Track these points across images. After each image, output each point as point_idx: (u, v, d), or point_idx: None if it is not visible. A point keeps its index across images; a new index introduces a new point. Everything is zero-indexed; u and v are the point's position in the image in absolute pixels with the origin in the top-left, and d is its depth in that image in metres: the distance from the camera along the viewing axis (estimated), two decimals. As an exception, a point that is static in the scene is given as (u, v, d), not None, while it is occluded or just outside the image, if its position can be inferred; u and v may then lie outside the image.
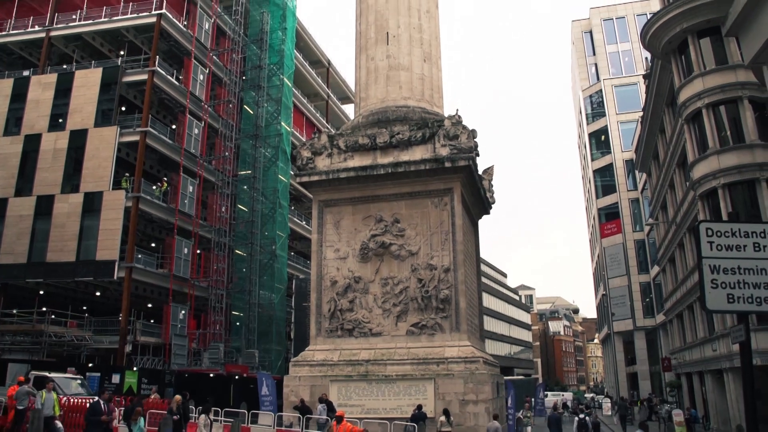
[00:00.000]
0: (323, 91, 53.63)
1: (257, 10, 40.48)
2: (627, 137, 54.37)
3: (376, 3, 20.62)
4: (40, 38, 35.18)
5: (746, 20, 9.68)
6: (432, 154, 17.98)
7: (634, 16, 60.45)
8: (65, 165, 31.03)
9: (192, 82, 34.81)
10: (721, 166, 24.31)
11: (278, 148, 39.17)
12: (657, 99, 32.95)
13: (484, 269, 56.66)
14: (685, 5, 25.97)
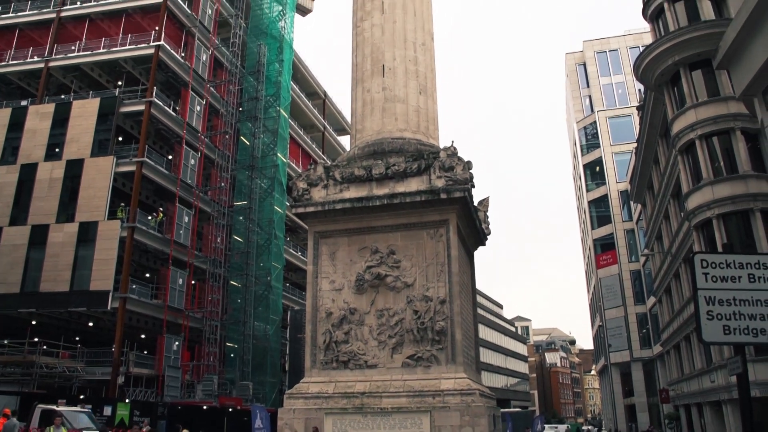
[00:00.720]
0: (319, 122, 53.95)
1: (254, 43, 40.89)
2: (621, 168, 54.68)
3: (372, 36, 20.85)
4: (38, 68, 35.43)
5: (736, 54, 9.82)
6: (427, 185, 18.02)
7: (627, 48, 61.22)
8: (61, 194, 31.01)
9: (189, 112, 35.00)
10: (715, 197, 24.43)
11: (274, 179, 39.26)
12: (651, 130, 33.23)
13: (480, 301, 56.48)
14: (676, 38, 26.35)
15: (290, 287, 45.47)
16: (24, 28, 37.07)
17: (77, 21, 36.22)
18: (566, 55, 67.86)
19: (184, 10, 36.06)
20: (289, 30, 42.76)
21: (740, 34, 9.38)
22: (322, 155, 52.08)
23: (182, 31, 36.32)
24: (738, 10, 9.43)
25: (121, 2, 35.81)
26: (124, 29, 35.02)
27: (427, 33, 21.54)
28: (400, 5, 21.03)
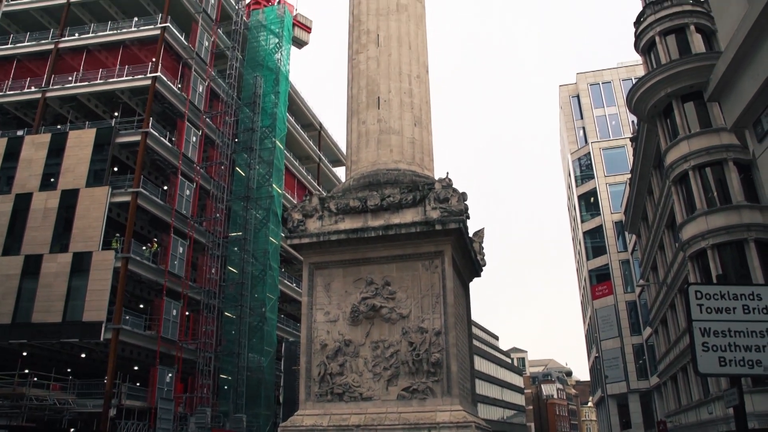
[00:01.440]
0: (315, 153, 54.19)
1: (251, 75, 41.25)
2: (616, 199, 54.88)
3: (368, 68, 21.05)
4: (35, 99, 35.61)
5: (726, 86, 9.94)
6: (422, 216, 18.03)
7: (620, 80, 61.88)
8: (55, 224, 30.94)
9: (185, 143, 35.15)
10: (710, 227, 24.52)
11: (269, 210, 39.29)
12: (644, 161, 33.46)
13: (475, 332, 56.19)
14: (668, 71, 26.70)
15: (285, 318, 45.20)
16: (22, 58, 37.36)
17: (75, 52, 36.52)
18: (560, 87, 68.51)
19: (181, 42, 36.42)
20: (285, 62, 43.19)
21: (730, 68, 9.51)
22: (318, 186, 52.22)
23: (179, 62, 36.63)
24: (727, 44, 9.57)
25: (119, 34, 36.19)
26: (122, 60, 35.32)
27: (422, 65, 21.76)
28: (396, 38, 21.27)
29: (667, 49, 28.40)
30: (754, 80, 9.01)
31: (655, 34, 29.12)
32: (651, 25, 29.47)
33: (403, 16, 21.73)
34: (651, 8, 30.02)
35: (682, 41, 28.13)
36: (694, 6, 28.80)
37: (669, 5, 29.32)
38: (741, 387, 7.07)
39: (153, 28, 35.50)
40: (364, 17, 21.90)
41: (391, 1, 21.81)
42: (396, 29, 21.46)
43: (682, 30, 28.45)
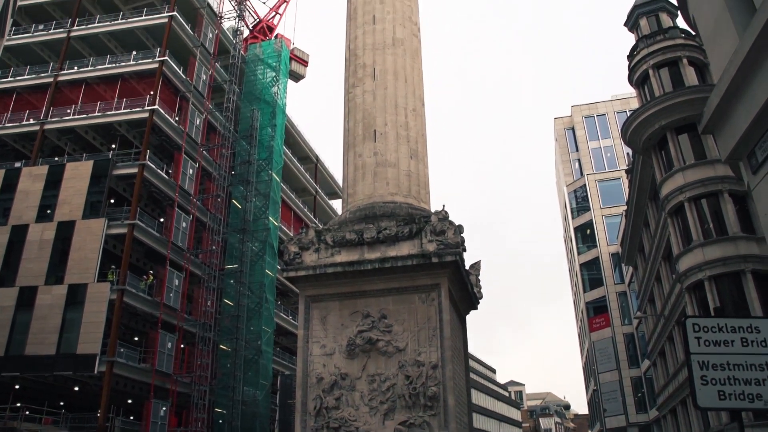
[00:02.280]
0: (311, 186, 54.30)
1: (248, 108, 41.52)
2: (612, 231, 54.96)
3: (364, 102, 21.20)
4: (33, 131, 35.74)
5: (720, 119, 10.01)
6: (419, 249, 18.00)
7: (615, 113, 62.41)
8: (51, 256, 30.82)
9: (181, 176, 35.22)
10: (706, 259, 24.52)
11: (266, 243, 39.23)
12: (640, 193, 33.58)
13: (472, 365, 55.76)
14: (662, 104, 26.95)
15: (281, 352, 44.83)
16: (21, 91, 37.61)
17: (73, 85, 36.80)
18: (555, 120, 69.01)
19: (179, 76, 36.71)
20: (281, 95, 43.51)
21: (723, 100, 9.58)
22: (314, 219, 52.23)
23: (177, 95, 36.89)
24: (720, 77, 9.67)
25: (118, 67, 36.50)
26: (120, 93, 35.58)
27: (418, 99, 21.94)
28: (392, 72, 21.47)
29: (660, 82, 28.72)
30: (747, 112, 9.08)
31: (649, 67, 29.48)
32: (644, 58, 29.84)
33: (399, 50, 21.98)
34: (644, 42, 30.43)
35: (675, 74, 28.48)
36: (686, 40, 29.20)
37: (661, 39, 29.74)
38: (742, 421, 7.00)
39: (151, 62, 35.83)
40: (360, 51, 22.14)
41: (387, 36, 22.07)
42: (392, 63, 21.68)
43: (675, 63, 28.82)
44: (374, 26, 22.31)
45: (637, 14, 32.19)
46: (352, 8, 23.41)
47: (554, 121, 69.26)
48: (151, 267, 35.22)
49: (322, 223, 49.55)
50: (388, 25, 22.30)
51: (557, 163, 72.88)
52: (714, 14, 9.99)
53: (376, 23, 22.34)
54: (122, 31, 39.07)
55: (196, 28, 39.54)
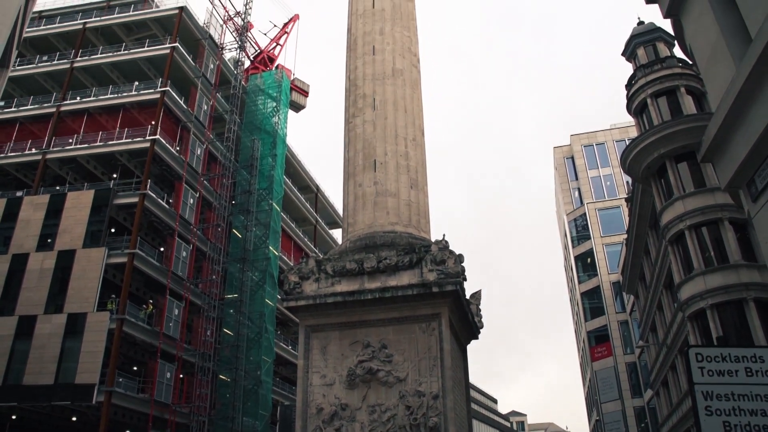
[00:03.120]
0: (311, 216, 54.34)
1: (248, 138, 41.74)
2: (613, 259, 54.84)
3: (364, 132, 21.32)
4: (35, 160, 35.89)
5: (719, 148, 10.04)
6: (419, 279, 17.95)
7: (614, 142, 62.67)
8: (50, 285, 30.73)
9: (182, 205, 35.29)
10: (708, 287, 24.42)
11: (266, 272, 39.14)
12: (640, 221, 33.57)
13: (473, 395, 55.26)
14: (660, 132, 27.08)
15: (280, 382, 44.46)
16: (24, 121, 37.88)
17: (76, 115, 37.07)
18: (554, 149, 69.27)
19: (180, 106, 36.98)
20: (282, 125, 43.78)
21: (721, 129, 9.62)
22: (314, 248, 52.17)
23: (178, 125, 37.12)
24: (717, 106, 9.72)
25: (120, 98, 36.81)
26: (121, 123, 35.81)
27: (417, 129, 22.06)
28: (392, 102, 21.62)
29: (659, 111, 28.89)
30: (745, 141, 9.12)
31: (647, 96, 29.69)
32: (642, 87, 30.07)
33: (399, 80, 22.16)
34: (642, 71, 30.69)
35: (674, 103, 28.67)
36: (683, 69, 29.45)
37: (659, 68, 30.00)
38: (748, 453, 6.88)
39: (153, 92, 36.12)
40: (360, 82, 22.32)
41: (387, 67, 22.27)
42: (392, 93, 21.84)
43: (673, 92, 29.02)
44: (374, 57, 22.53)
45: (635, 44, 32.51)
46: (352, 39, 23.67)
47: (553, 150, 69.54)
48: (151, 296, 35.11)
49: (322, 252, 49.49)
50: (387, 55, 22.52)
51: (557, 191, 73.02)
52: (710, 43, 10.08)
53: (376, 54, 22.57)
54: (125, 62, 39.48)
55: (198, 58, 39.94)
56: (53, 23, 42.61)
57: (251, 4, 46.24)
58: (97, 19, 41.48)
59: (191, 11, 40.41)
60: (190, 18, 40.07)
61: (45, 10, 43.67)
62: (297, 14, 52.85)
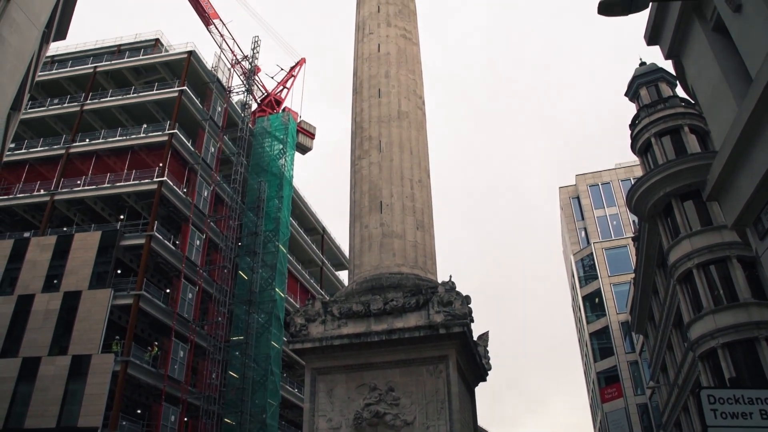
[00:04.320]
0: (318, 257, 54.29)
1: (255, 179, 42.01)
2: (621, 299, 54.39)
3: (370, 174, 21.44)
4: (44, 201, 36.16)
5: (724, 186, 10.04)
6: (426, 320, 17.85)
7: (619, 181, 62.71)
8: (55, 326, 30.58)
9: (188, 247, 35.34)
10: (718, 326, 24.11)
11: (272, 314, 38.97)
12: (647, 261, 33.38)
13: (483, 437, 54.22)
14: (665, 171, 27.11)
15: (286, 425, 43.84)
16: (34, 162, 38.30)
17: (84, 157, 37.46)
18: (560, 189, 69.32)
19: (188, 148, 37.32)
20: (289, 167, 44.09)
21: (726, 168, 9.65)
22: (321, 290, 51.99)
23: (185, 167, 37.41)
24: (721, 145, 9.76)
25: (128, 140, 37.24)
26: (129, 165, 36.15)
27: (423, 170, 22.16)
28: (397, 144, 21.78)
29: (663, 150, 28.96)
30: (750, 179, 9.12)
31: (651, 135, 29.80)
32: (646, 127, 30.21)
33: (405, 122, 22.36)
34: (645, 111, 30.87)
35: (678, 142, 28.74)
36: (686, 108, 29.62)
37: (662, 108, 30.17)
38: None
39: (161, 135, 36.53)
40: (366, 124, 22.53)
41: (393, 109, 22.50)
42: (398, 135, 22.02)
43: (677, 131, 29.13)
44: (380, 99, 22.79)
45: (637, 84, 32.78)
46: (358, 82, 23.97)
47: (559, 189, 69.59)
48: (156, 338, 34.91)
49: (328, 294, 49.31)
50: (393, 98, 22.78)
51: (563, 231, 72.86)
52: (712, 84, 10.17)
53: (382, 96, 22.83)
54: (134, 105, 40.04)
55: (206, 101, 40.48)
56: (65, 67, 43.43)
57: (259, 48, 47.07)
58: (107, 63, 42.23)
59: (200, 55, 41.13)
60: (199, 62, 40.73)
61: (57, 55, 44.52)
62: (303, 58, 53.69)
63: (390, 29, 24.54)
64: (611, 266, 57.04)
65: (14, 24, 13.39)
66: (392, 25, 24.69)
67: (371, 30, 24.69)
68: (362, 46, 24.61)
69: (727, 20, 9.40)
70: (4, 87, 13.45)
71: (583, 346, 66.85)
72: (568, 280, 73.82)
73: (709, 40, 10.08)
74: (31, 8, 14.03)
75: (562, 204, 69.63)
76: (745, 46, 9.03)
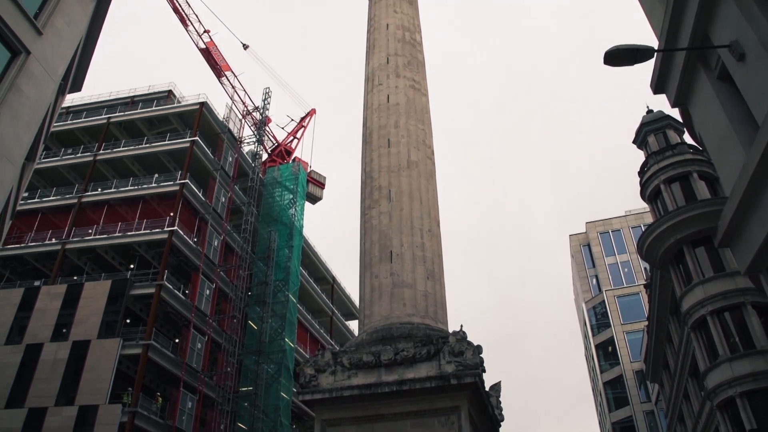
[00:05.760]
0: (328, 307, 54.02)
1: (265, 229, 42.15)
2: (635, 347, 53.59)
3: (380, 223, 21.49)
4: (55, 250, 36.33)
5: (735, 232, 10.01)
6: (437, 371, 17.63)
7: (629, 228, 62.53)
8: (63, 376, 30.36)
9: (198, 296, 35.31)
10: (735, 374, 23.66)
11: (281, 365, 38.61)
12: (660, 308, 33.01)
13: (497, 491, 52.90)
14: (676, 218, 27.03)
15: (295, 478, 43.00)
16: (46, 211, 38.68)
17: (96, 206, 37.82)
18: (570, 237, 69.14)
19: (199, 198, 37.61)
20: (299, 217, 44.27)
21: (736, 214, 9.63)
22: (330, 340, 51.59)
23: (196, 217, 37.64)
24: (731, 191, 9.76)
25: (139, 189, 37.59)
26: (140, 214, 36.42)
27: (433, 220, 22.20)
28: (407, 194, 21.87)
29: (672, 197, 28.93)
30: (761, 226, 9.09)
31: (660, 182, 29.81)
32: (655, 174, 30.25)
33: (414, 172, 22.49)
34: (654, 158, 30.96)
35: (687, 188, 28.72)
36: (694, 155, 29.69)
37: (670, 155, 30.26)
38: None
39: (172, 185, 36.87)
40: (375, 174, 22.68)
41: (402, 159, 22.67)
42: (407, 185, 22.13)
43: (686, 177, 29.13)
44: (389, 149, 22.99)
45: (645, 132, 32.97)
46: (367, 132, 24.24)
47: (569, 238, 69.40)
48: (165, 389, 34.57)
49: (338, 344, 48.91)
50: (402, 148, 22.98)
51: (574, 279, 72.36)
52: (719, 131, 10.23)
53: (391, 146, 23.04)
54: (146, 155, 40.57)
55: (217, 151, 40.95)
56: (79, 117, 44.23)
57: (269, 99, 47.84)
58: (120, 114, 42.97)
59: (211, 106, 41.81)
60: (210, 113, 41.37)
61: (72, 106, 45.39)
62: (314, 108, 54.42)
63: (399, 80, 24.92)
64: (624, 314, 56.42)
65: (32, 77, 13.72)
66: (401, 76, 25.08)
67: (380, 81, 25.08)
68: (371, 96, 24.97)
69: (731, 69, 9.52)
70: (20, 138, 13.69)
71: (597, 396, 65.63)
72: (581, 328, 72.99)
73: (714, 89, 10.19)
74: (49, 61, 14.39)
75: (572, 252, 69.34)
76: (750, 94, 9.11)
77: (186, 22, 46.10)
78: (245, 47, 52.16)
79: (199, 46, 46.83)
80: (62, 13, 14.94)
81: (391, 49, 26.00)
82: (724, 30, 9.51)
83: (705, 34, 10.18)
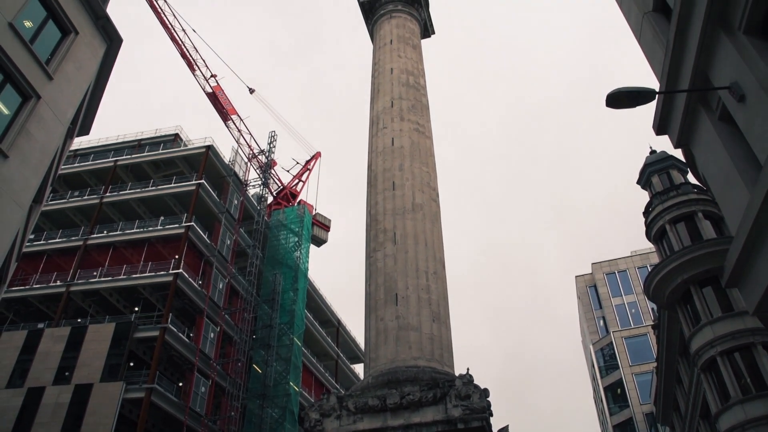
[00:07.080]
0: (333, 350, 53.53)
1: (270, 272, 42.08)
2: (644, 389, 52.82)
3: (385, 266, 21.47)
4: (59, 292, 36.25)
5: (742, 272, 9.97)
6: (444, 415, 17.42)
7: (636, 268, 62.26)
8: (64, 421, 29.87)
9: (202, 339, 35.11)
10: (748, 417, 23.24)
11: (286, 409, 38.12)
12: (669, 349, 32.64)
13: None
14: (682, 258, 26.91)
15: None
16: (51, 254, 38.73)
17: (101, 248, 37.89)
18: (576, 278, 68.83)
19: (204, 241, 37.67)
20: (304, 260, 44.23)
21: (742, 254, 9.61)
22: (336, 384, 51.00)
23: (201, 259, 37.64)
24: (736, 231, 9.76)
25: (145, 232, 37.70)
26: (146, 257, 36.47)
27: (438, 262, 22.16)
28: (412, 236, 21.88)
29: (678, 237, 28.86)
30: (768, 265, 9.06)
31: (665, 222, 29.78)
32: (660, 214, 30.25)
33: (419, 215, 22.54)
34: (658, 198, 30.99)
35: (692, 228, 28.67)
36: (698, 194, 29.71)
37: (675, 195, 30.29)
38: None
39: (178, 227, 36.98)
40: (380, 216, 22.74)
41: (407, 201, 22.75)
42: (412, 228, 22.16)
43: (691, 217, 29.11)
44: (394, 192, 23.09)
45: (649, 172, 33.07)
46: (372, 175, 24.37)
47: (575, 279, 69.09)
48: (167, 434, 34.13)
49: (343, 387, 48.33)
50: (407, 191, 23.07)
51: (581, 321, 71.76)
52: (722, 171, 10.27)
53: (396, 189, 23.15)
54: (152, 198, 40.80)
55: (222, 194, 41.17)
56: (87, 160, 44.61)
57: (275, 143, 48.29)
58: (127, 157, 43.36)
59: (217, 149, 42.18)
60: (216, 156, 41.73)
61: (80, 149, 45.84)
62: (319, 152, 54.87)
63: (403, 123, 25.17)
64: (632, 355, 55.77)
65: (42, 121, 13.93)
66: (405, 119, 25.33)
67: (385, 124, 25.34)
68: (376, 140, 25.19)
69: (732, 110, 9.61)
70: (28, 180, 13.83)
71: (607, 440, 64.45)
72: (589, 370, 72.07)
73: (716, 129, 10.27)
74: (58, 106, 14.62)
75: (579, 293, 68.93)
76: (752, 134, 9.18)
77: (193, 67, 46.89)
78: (251, 91, 52.99)
79: (206, 90, 47.54)
80: (73, 58, 15.23)
81: (395, 93, 26.33)
82: (723, 71, 9.63)
83: (705, 76, 10.31)
